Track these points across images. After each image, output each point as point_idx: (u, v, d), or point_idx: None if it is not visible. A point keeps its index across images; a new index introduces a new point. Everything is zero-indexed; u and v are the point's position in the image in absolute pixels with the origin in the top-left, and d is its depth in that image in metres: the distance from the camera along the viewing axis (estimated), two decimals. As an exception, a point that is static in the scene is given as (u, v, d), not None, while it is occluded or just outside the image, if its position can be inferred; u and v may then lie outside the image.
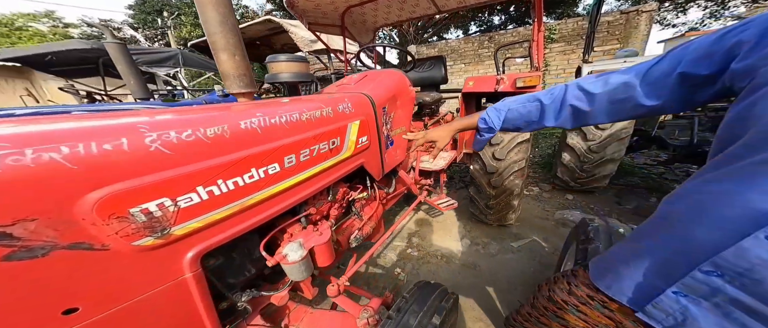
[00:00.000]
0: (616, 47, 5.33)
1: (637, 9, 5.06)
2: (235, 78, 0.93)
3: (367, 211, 1.42)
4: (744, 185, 0.42)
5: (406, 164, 2.02)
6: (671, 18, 10.56)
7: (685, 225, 0.49)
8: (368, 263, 2.13)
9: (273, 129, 0.76)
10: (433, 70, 2.76)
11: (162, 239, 0.53)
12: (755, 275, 0.40)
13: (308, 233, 0.95)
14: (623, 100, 0.64)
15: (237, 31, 0.91)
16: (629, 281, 0.58)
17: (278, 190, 0.79)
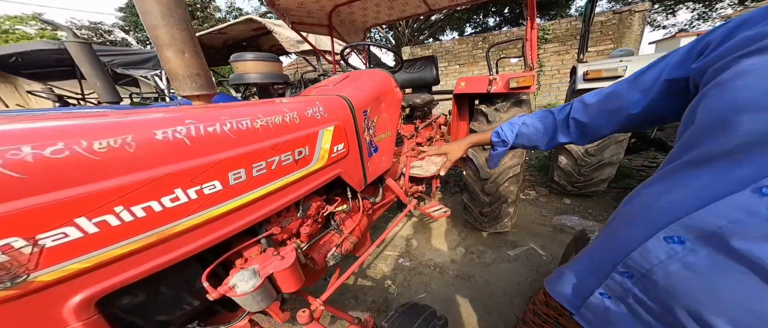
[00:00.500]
0: (610, 47, 5.16)
1: (630, 9, 4.90)
2: (185, 79, 0.78)
3: (349, 224, 1.25)
4: (665, 186, 0.43)
5: (395, 170, 1.86)
6: (661, 19, 10.36)
7: (616, 227, 0.50)
8: (357, 274, 1.96)
9: (211, 139, 0.60)
10: (424, 71, 2.60)
11: (15, 289, 0.37)
12: (653, 275, 0.40)
13: (266, 258, 0.79)
14: (615, 110, 0.62)
15: (187, 25, 0.76)
16: (568, 283, 0.58)
17: (222, 211, 0.63)
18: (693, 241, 0.37)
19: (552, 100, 6.29)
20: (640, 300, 0.43)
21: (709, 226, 0.35)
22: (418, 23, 10.13)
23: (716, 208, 0.35)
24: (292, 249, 0.83)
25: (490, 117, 1.75)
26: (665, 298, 0.40)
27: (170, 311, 0.66)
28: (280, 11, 2.04)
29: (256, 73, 1.16)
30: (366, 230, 1.42)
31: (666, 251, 0.39)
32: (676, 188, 0.41)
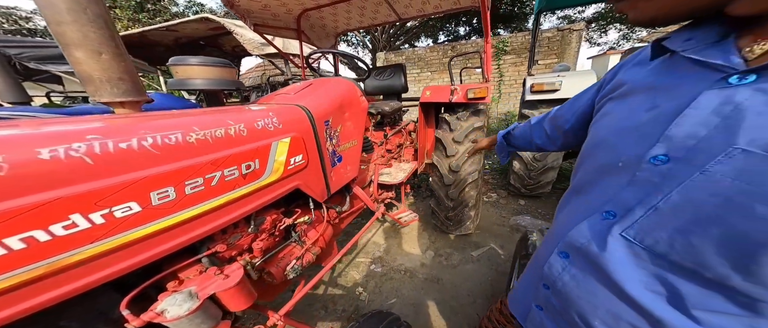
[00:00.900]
0: (555, 61, 5.61)
1: (570, 28, 5.38)
2: (103, 83, 0.68)
3: (312, 235, 1.18)
4: (561, 209, 0.48)
5: (364, 178, 1.82)
6: (597, 37, 11.56)
7: (542, 245, 0.52)
8: (328, 283, 1.87)
9: (124, 156, 0.51)
10: (394, 79, 2.59)
11: None
12: (557, 286, 0.43)
13: (207, 278, 0.70)
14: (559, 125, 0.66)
15: (106, 23, 0.66)
16: (519, 296, 0.58)
17: (142, 234, 0.54)
18: (573, 255, 0.41)
19: (511, 108, 6.64)
20: (557, 310, 0.45)
21: (577, 242, 0.39)
22: (395, 29, 10.20)
23: (580, 227, 0.39)
24: (239, 266, 0.75)
25: (452, 125, 1.78)
26: (567, 305, 0.42)
27: None
28: (240, 12, 1.88)
29: (202, 79, 1.06)
30: (332, 240, 1.36)
31: (561, 264, 0.43)
32: (564, 210, 0.46)
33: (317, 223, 1.22)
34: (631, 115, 0.36)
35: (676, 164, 0.29)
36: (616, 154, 0.36)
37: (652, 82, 0.35)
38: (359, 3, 2.05)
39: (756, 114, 0.25)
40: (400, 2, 2.09)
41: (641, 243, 0.32)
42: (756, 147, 0.24)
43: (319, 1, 1.93)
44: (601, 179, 0.38)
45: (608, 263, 0.35)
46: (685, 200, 0.28)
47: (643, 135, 0.33)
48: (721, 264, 0.26)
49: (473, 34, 10.75)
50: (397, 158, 2.36)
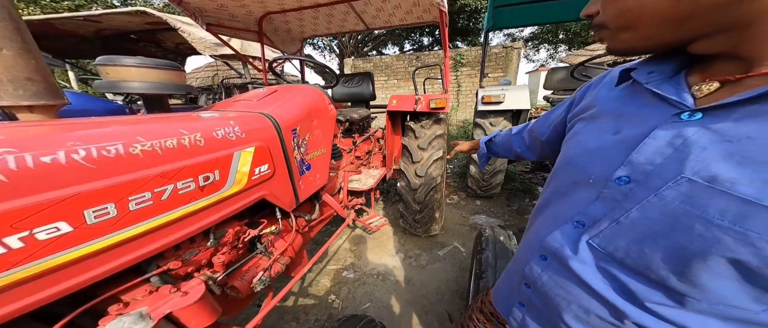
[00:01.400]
0: (501, 75, 6.24)
1: (511, 46, 6.05)
2: (4, 84, 0.58)
3: (280, 245, 1.12)
4: (538, 216, 0.50)
5: (333, 185, 1.78)
6: (532, 55, 13.24)
7: (520, 249, 0.55)
8: (298, 293, 1.77)
9: (50, 171, 0.44)
10: (362, 87, 2.59)
11: None
12: (538, 285, 0.46)
13: (160, 297, 0.62)
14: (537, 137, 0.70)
15: (10, 12, 0.56)
16: (502, 294, 0.61)
17: (73, 257, 0.46)
18: (550, 258, 0.43)
19: (467, 117, 7.13)
20: (537, 307, 0.48)
21: (552, 247, 0.42)
22: (362, 35, 10.29)
23: (555, 234, 0.42)
24: (200, 282, 0.68)
25: (417, 133, 1.84)
26: (546, 302, 0.45)
27: None
28: (190, 11, 1.64)
29: (142, 82, 0.93)
30: (301, 249, 1.30)
31: (541, 265, 0.45)
32: (540, 217, 0.48)
33: (285, 232, 1.16)
34: (599, 137, 0.40)
35: (636, 186, 0.33)
36: (586, 172, 0.39)
37: (617, 108, 0.40)
38: (327, 11, 2.00)
39: (700, 149, 0.28)
40: (368, 13, 2.11)
41: (604, 250, 0.36)
42: (699, 177, 0.28)
43: (283, 6, 1.83)
44: (573, 193, 0.41)
45: (578, 265, 0.38)
46: (642, 216, 0.32)
47: (609, 158, 0.37)
48: (664, 268, 0.31)
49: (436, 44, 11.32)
50: (366, 165, 2.36)
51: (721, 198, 0.26)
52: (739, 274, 0.26)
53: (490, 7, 2.31)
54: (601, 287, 0.36)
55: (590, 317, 0.38)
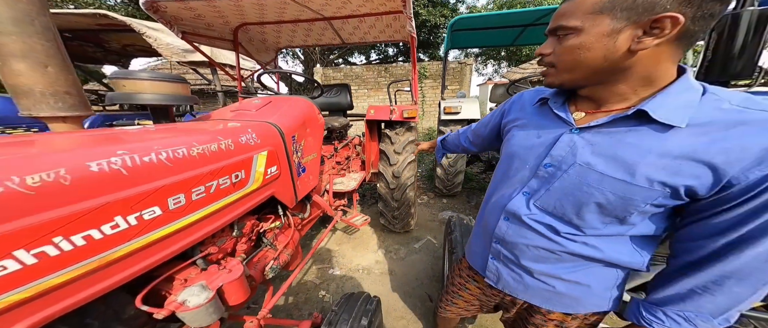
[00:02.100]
0: (458, 88, 7.12)
1: (465, 62, 6.96)
2: (47, 97, 0.68)
3: (282, 239, 1.27)
4: (500, 191, 0.67)
5: (319, 188, 1.95)
6: (481, 69, 15.34)
7: (487, 218, 0.71)
8: (288, 293, 1.88)
9: (147, 168, 0.60)
10: (340, 97, 2.81)
11: None
12: (506, 238, 0.64)
13: (211, 274, 0.77)
14: (478, 135, 0.95)
15: (54, 35, 0.66)
16: (476, 255, 0.78)
17: (162, 234, 0.61)
18: (510, 218, 0.63)
19: (431, 125, 7.83)
20: (505, 256, 0.66)
21: (512, 209, 0.62)
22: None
23: (513, 201, 0.62)
24: (238, 262, 0.83)
25: (393, 139, 2.13)
26: (512, 250, 0.64)
27: None
28: (166, 19, 1.67)
29: (153, 94, 1.02)
30: (298, 244, 1.45)
31: (506, 224, 0.64)
32: (496, 193, 0.68)
33: (286, 228, 1.32)
34: (529, 139, 0.61)
35: (555, 169, 0.54)
36: (525, 161, 0.61)
37: (538, 121, 0.62)
38: (306, 25, 2.15)
39: (581, 148, 0.51)
40: (345, 29, 2.33)
41: (541, 207, 0.57)
42: (581, 163, 0.50)
43: (262, 18, 1.92)
44: (517, 174, 0.62)
45: (528, 219, 0.59)
46: (559, 186, 0.54)
47: (538, 153, 0.58)
48: (570, 212, 0.53)
49: (400, 55, 12.06)
50: (347, 169, 2.57)
51: (591, 173, 0.49)
52: (598, 210, 0.50)
53: (449, 32, 2.81)
54: (541, 229, 0.58)
55: (539, 252, 0.60)
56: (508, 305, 0.76)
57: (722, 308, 0.46)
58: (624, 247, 0.53)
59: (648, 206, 0.46)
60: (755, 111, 0.39)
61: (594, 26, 0.43)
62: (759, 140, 0.38)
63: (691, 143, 0.42)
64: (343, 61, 11.90)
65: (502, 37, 3.14)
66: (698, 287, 0.46)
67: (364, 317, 0.89)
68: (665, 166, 0.43)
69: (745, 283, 0.43)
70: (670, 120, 0.43)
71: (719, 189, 0.41)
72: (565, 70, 0.50)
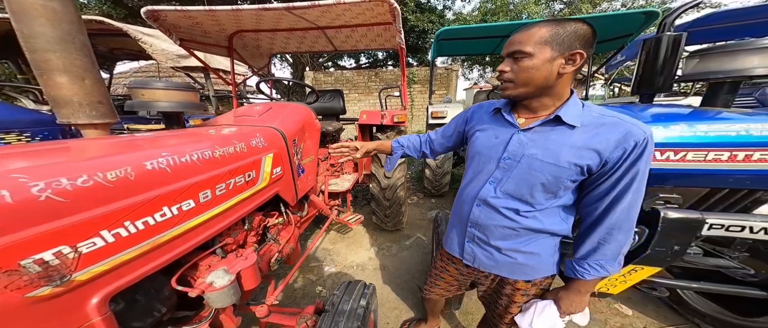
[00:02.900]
0: (445, 92, 7.46)
1: (451, 67, 7.31)
2: (83, 107, 0.79)
3: (284, 235, 1.39)
4: (471, 185, 0.83)
5: (315, 188, 2.08)
6: (467, 73, 16.04)
7: (460, 207, 0.87)
8: (286, 291, 1.98)
9: (184, 167, 0.72)
10: (333, 102, 2.95)
11: (62, 286, 0.44)
12: (479, 222, 0.81)
13: (230, 261, 0.89)
14: (442, 142, 1.07)
15: (88, 51, 0.78)
16: (453, 241, 0.93)
17: (194, 224, 0.74)
18: (482, 204, 0.79)
19: (421, 128, 8.10)
20: (479, 238, 0.82)
21: (483, 196, 0.78)
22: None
23: (483, 190, 0.79)
24: (252, 251, 0.95)
25: (385, 142, 2.29)
26: (484, 232, 0.80)
27: (145, 316, 0.68)
28: (165, 27, 1.78)
29: (167, 102, 1.13)
30: (298, 240, 1.57)
31: (479, 209, 0.80)
32: (473, 183, 0.83)
33: (287, 225, 1.44)
34: (490, 140, 0.78)
35: (512, 161, 0.72)
36: (489, 157, 0.77)
37: (494, 125, 0.79)
38: (300, 33, 2.28)
39: (526, 143, 0.70)
40: (338, 38, 2.45)
41: (505, 191, 0.74)
42: (528, 154, 0.69)
43: (258, 26, 2.04)
44: (485, 167, 0.78)
45: (495, 202, 0.75)
46: (516, 173, 0.71)
47: (497, 150, 0.75)
48: (526, 194, 0.70)
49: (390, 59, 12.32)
50: (340, 171, 2.70)
51: (535, 161, 0.68)
52: (542, 188, 0.69)
53: (435, 41, 3.02)
54: (506, 211, 0.75)
55: (505, 231, 0.76)
56: (483, 280, 0.93)
57: (616, 252, 0.68)
58: (556, 218, 0.74)
59: (569, 181, 0.67)
60: (608, 117, 0.64)
61: (541, 53, 0.61)
62: (613, 135, 0.62)
63: (583, 137, 0.64)
64: (332, 65, 12.00)
65: (484, 46, 3.40)
66: (600, 240, 0.68)
67: (362, 299, 1.03)
68: (574, 152, 0.65)
69: (622, 230, 0.66)
70: (573, 122, 0.65)
71: (601, 166, 0.64)
72: (521, 85, 0.67)
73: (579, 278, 0.72)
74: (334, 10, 1.67)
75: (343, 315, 0.90)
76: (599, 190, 0.67)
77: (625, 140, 0.60)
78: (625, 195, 0.63)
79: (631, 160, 0.61)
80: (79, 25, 0.74)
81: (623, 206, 0.64)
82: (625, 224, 0.65)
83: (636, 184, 0.62)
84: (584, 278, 0.71)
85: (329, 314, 0.91)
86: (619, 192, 0.63)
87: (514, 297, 0.84)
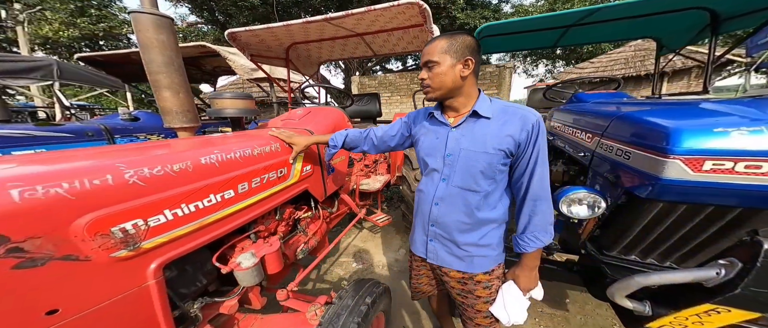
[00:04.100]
0: (495, 93, 6.89)
1: (504, 65, 6.73)
2: (178, 114, 1.04)
3: (312, 228, 1.56)
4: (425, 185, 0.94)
5: (347, 186, 2.23)
6: (531, 70, 14.36)
7: (421, 207, 0.96)
8: (316, 280, 2.19)
9: (229, 163, 0.91)
10: (370, 105, 3.13)
11: (133, 251, 0.63)
12: (437, 219, 0.90)
13: (259, 245, 1.07)
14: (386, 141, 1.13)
15: (183, 71, 1.03)
16: (418, 243, 1.01)
17: (233, 210, 0.92)
18: (439, 201, 0.89)
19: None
20: (440, 235, 0.91)
21: (439, 195, 0.88)
22: None
23: (438, 189, 0.89)
24: (277, 239, 1.12)
25: (418, 144, 2.32)
26: (443, 227, 0.89)
27: (190, 285, 0.89)
28: (240, 45, 2.24)
29: (232, 109, 1.43)
30: (325, 234, 1.73)
31: (437, 208, 0.90)
32: (428, 185, 0.93)
33: (316, 219, 1.61)
34: (431, 141, 0.91)
35: (453, 156, 0.84)
36: (435, 156, 0.89)
37: (432, 128, 0.92)
38: (342, 41, 2.54)
39: (460, 138, 0.83)
40: (376, 43, 2.65)
41: (454, 184, 0.84)
42: (463, 148, 0.83)
43: (307, 37, 2.38)
44: (434, 166, 0.90)
45: (448, 197, 0.86)
46: (460, 166, 0.83)
47: (439, 149, 0.87)
48: (472, 182, 0.82)
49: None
50: (373, 172, 2.82)
51: (470, 152, 0.82)
52: (482, 175, 0.81)
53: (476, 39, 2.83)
54: (459, 200, 0.85)
55: (462, 225, 0.86)
56: (447, 279, 0.96)
57: (544, 222, 0.80)
58: (499, 206, 0.87)
59: (500, 165, 0.80)
60: (509, 107, 0.82)
61: (445, 61, 0.76)
62: (516, 121, 0.78)
63: (498, 125, 0.80)
64: (380, 68, 12.42)
65: (540, 39, 3.03)
66: (530, 213, 0.81)
67: (368, 296, 1.10)
68: (495, 139, 0.79)
69: (543, 200, 0.80)
70: (486, 114, 0.81)
71: (517, 147, 0.79)
72: (437, 89, 0.81)
73: (524, 251, 0.84)
74: (367, 17, 1.78)
75: (346, 309, 0.98)
76: (519, 168, 0.82)
77: (525, 124, 0.77)
78: (536, 168, 0.78)
79: (533, 138, 0.77)
80: (177, 51, 1.00)
81: (537, 178, 0.79)
82: (543, 193, 0.80)
83: (541, 157, 0.78)
84: (526, 251, 0.83)
85: (334, 306, 1.01)
86: (532, 166, 0.79)
87: (477, 291, 0.91)
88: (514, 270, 0.90)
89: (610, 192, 1.14)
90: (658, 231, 1.03)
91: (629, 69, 8.27)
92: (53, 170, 0.51)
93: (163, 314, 0.71)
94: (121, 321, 0.63)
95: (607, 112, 1.34)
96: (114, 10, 11.31)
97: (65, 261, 0.52)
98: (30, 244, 0.46)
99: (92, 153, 0.69)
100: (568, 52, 10.50)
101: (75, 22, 10.08)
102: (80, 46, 11.12)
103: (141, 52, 0.95)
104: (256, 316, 1.12)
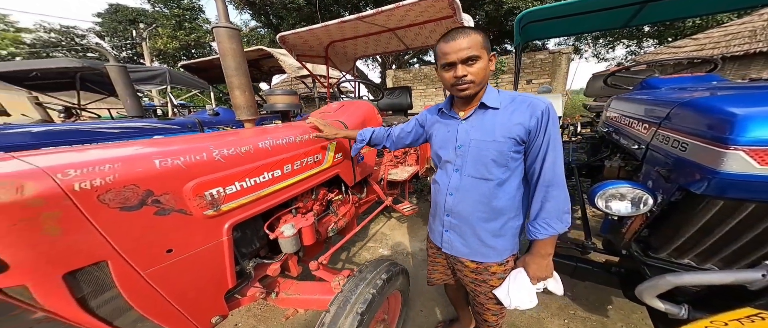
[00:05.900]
0: (547, 81, 6.36)
1: (560, 50, 6.16)
2: (244, 108, 1.33)
3: (342, 210, 1.80)
4: (440, 177, 1.04)
5: (376, 175, 2.45)
6: (604, 53, 12.29)
7: (436, 199, 1.07)
8: (346, 260, 2.48)
9: (278, 148, 1.16)
10: (401, 98, 3.30)
11: (216, 212, 0.90)
12: (452, 208, 0.99)
13: (298, 219, 1.33)
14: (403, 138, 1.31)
15: (247, 73, 1.31)
16: (435, 232, 1.12)
17: (279, 187, 1.18)
18: (454, 191, 0.97)
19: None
20: (455, 224, 1.00)
21: (453, 185, 0.98)
22: None
23: (451, 180, 0.98)
24: (312, 215, 1.37)
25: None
26: (459, 216, 0.98)
27: (247, 246, 1.18)
28: (288, 47, 2.63)
29: (281, 104, 1.74)
30: (354, 217, 1.98)
31: (452, 198, 0.98)
32: (443, 176, 1.02)
33: (345, 202, 1.85)
34: (443, 135, 1.00)
35: (464, 147, 0.94)
36: (448, 148, 0.98)
37: (443, 123, 1.02)
38: (375, 37, 2.75)
39: (469, 129, 0.93)
40: (408, 37, 2.80)
41: (468, 173, 0.93)
42: (473, 138, 0.92)
43: (344, 35, 2.64)
44: (447, 158, 0.98)
45: (463, 186, 0.95)
46: (470, 157, 0.92)
47: (452, 141, 0.97)
48: (484, 170, 0.91)
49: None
50: (403, 163, 3.00)
51: (480, 142, 0.91)
52: (494, 163, 0.89)
53: (517, 27, 2.58)
54: (473, 189, 0.93)
55: (475, 211, 0.94)
56: (461, 268, 1.06)
57: (557, 209, 0.84)
58: (517, 196, 0.93)
59: (512, 153, 0.87)
60: (516, 96, 0.89)
61: (484, 55, 0.83)
62: (525, 109, 0.85)
63: (506, 115, 0.88)
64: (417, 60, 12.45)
65: (605, 20, 2.68)
66: (542, 199, 0.86)
67: (385, 273, 1.29)
68: (504, 128, 0.86)
69: (556, 186, 0.84)
70: (494, 104, 0.89)
71: (528, 134, 0.85)
72: (479, 84, 0.86)
73: (535, 238, 0.89)
74: (397, 13, 1.93)
75: (363, 281, 1.19)
76: (532, 154, 0.87)
77: (535, 111, 0.83)
78: (548, 153, 0.83)
79: (543, 124, 0.82)
80: (243, 56, 1.29)
81: (549, 164, 0.83)
82: (556, 179, 0.84)
83: (553, 143, 0.83)
84: (537, 237, 0.88)
85: (354, 278, 1.22)
86: (545, 152, 0.83)
87: (491, 281, 0.99)
88: (524, 257, 0.95)
89: (662, 188, 1.06)
90: (721, 232, 0.92)
91: (758, 43, 6.37)
92: (175, 149, 0.80)
93: (229, 267, 0.99)
94: (204, 267, 0.91)
95: (670, 99, 1.21)
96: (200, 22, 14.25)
97: (180, 214, 0.80)
98: (163, 198, 0.74)
99: (192, 139, 0.99)
100: (662, 29, 8.79)
101: (176, 35, 12.74)
102: (179, 55, 14.22)
103: (220, 59, 1.24)
104: (292, 281, 1.40)
